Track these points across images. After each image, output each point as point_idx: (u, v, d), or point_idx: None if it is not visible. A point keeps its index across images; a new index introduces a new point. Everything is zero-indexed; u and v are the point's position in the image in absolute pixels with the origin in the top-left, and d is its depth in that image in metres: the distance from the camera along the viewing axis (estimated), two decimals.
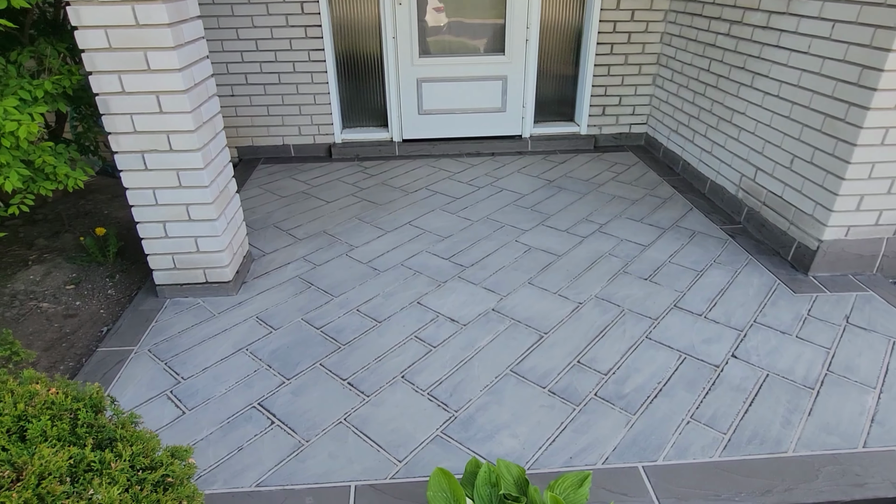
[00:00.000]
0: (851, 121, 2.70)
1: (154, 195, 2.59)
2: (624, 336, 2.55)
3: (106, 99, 2.37)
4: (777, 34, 3.22)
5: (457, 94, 4.68)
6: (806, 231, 3.03)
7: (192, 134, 2.47)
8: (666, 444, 2.00)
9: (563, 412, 2.14)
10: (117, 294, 2.98)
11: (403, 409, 2.16)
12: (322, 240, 3.42)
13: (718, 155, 3.85)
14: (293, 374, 2.34)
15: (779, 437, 2.02)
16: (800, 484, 1.85)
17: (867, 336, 2.53)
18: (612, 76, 4.72)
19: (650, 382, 2.28)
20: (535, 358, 2.42)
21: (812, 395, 2.20)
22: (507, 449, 1.99)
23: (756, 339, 2.52)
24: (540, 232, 3.48)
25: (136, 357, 2.45)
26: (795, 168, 3.10)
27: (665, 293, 2.85)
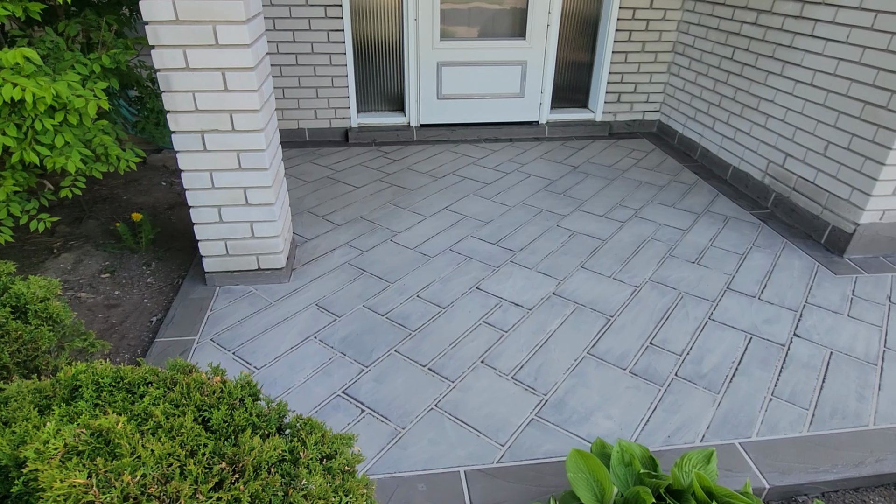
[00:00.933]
0: (894, 108, 2.81)
1: (211, 178, 2.47)
2: (688, 318, 2.60)
3: (168, 75, 2.23)
4: (812, 24, 3.31)
5: (476, 79, 4.64)
6: (841, 215, 3.15)
7: (256, 114, 2.36)
8: (756, 421, 2.05)
9: (650, 393, 2.17)
10: (158, 282, 2.84)
11: (492, 393, 2.15)
12: (362, 225, 3.34)
13: (742, 142, 3.95)
14: (371, 362, 2.29)
15: (857, 412, 2.10)
16: (888, 455, 1.93)
17: None
18: (628, 63, 4.77)
19: (725, 362, 2.33)
20: (609, 340, 2.44)
21: (877, 371, 2.30)
22: (604, 430, 2.00)
23: (812, 318, 2.61)
24: (578, 217, 3.50)
25: (199, 347, 2.35)
26: (830, 154, 3.21)
27: (715, 276, 2.92)
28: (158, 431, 0.99)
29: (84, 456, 0.88)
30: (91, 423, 0.94)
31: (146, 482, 0.87)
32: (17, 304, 1.77)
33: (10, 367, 1.64)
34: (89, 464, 0.86)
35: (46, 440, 0.90)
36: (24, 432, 0.96)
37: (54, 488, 0.80)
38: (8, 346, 1.64)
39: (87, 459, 0.88)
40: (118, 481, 0.85)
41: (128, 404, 1.11)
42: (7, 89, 1.74)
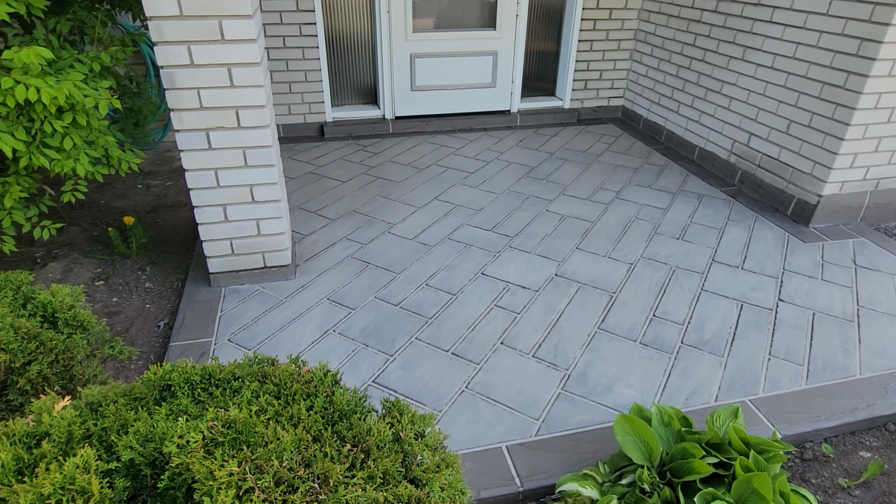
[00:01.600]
0: (851, 87, 3.07)
1: (216, 176, 2.42)
2: (683, 290, 2.77)
3: (172, 72, 2.17)
4: (770, 10, 3.54)
5: (449, 70, 4.69)
6: (805, 188, 3.41)
7: (262, 109, 2.34)
8: (760, 379, 2.23)
9: (662, 361, 2.31)
10: (157, 287, 2.77)
11: (517, 372, 2.24)
12: (357, 219, 3.35)
13: (707, 123, 4.19)
14: (394, 351, 2.33)
15: (845, 364, 2.32)
16: (876, 400, 2.15)
17: (875, 275, 2.93)
18: (594, 51, 4.94)
19: (723, 328, 2.51)
20: (616, 315, 2.57)
21: (855, 327, 2.54)
22: (627, 398, 2.13)
23: (791, 284, 2.84)
24: (564, 201, 3.63)
25: (219, 348, 2.32)
26: (792, 132, 3.47)
27: (700, 250, 3.11)
28: (281, 420, 1.01)
29: (226, 446, 0.90)
30: (222, 415, 0.95)
31: (292, 465, 0.90)
32: (46, 314, 1.71)
33: (51, 379, 1.59)
34: (238, 453, 0.88)
35: (182, 434, 0.91)
36: (148, 430, 0.96)
37: (216, 478, 0.82)
38: (45, 356, 1.59)
39: (230, 449, 0.90)
40: (269, 466, 0.87)
41: (227, 398, 1.13)
42: (20, 90, 1.65)
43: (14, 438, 0.91)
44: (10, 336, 1.52)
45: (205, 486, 0.83)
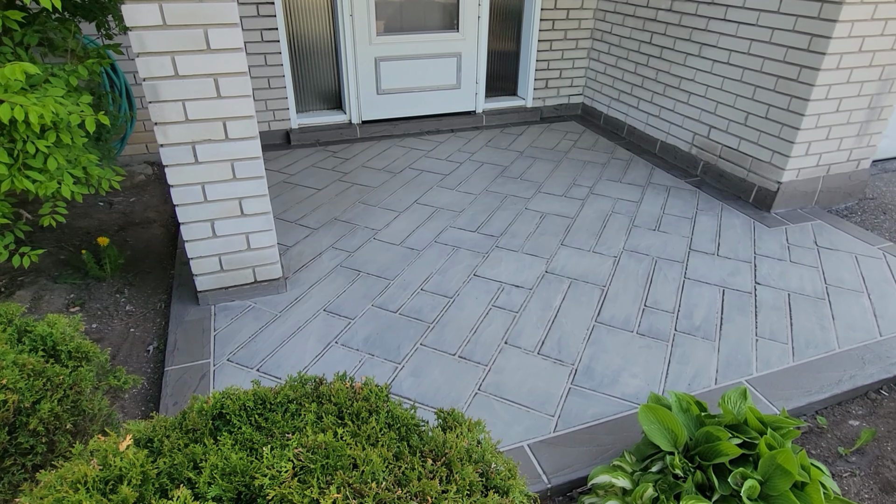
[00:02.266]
0: (804, 80, 3.27)
1: (203, 191, 2.33)
2: (668, 279, 2.88)
3: (154, 84, 2.07)
4: (724, 9, 3.73)
5: (414, 73, 4.68)
6: (765, 176, 3.62)
7: (251, 120, 2.27)
8: (752, 360, 2.35)
9: (660, 349, 2.40)
10: (139, 309, 2.63)
11: (525, 370, 2.27)
12: (339, 227, 3.29)
13: (667, 118, 4.36)
14: (401, 358, 2.31)
15: (825, 340, 2.48)
16: (857, 371, 2.31)
17: (836, 254, 3.14)
18: (553, 51, 5.05)
19: (710, 314, 2.63)
20: (610, 308, 2.65)
21: (827, 304, 2.72)
22: (634, 388, 2.20)
23: (764, 267, 3.00)
24: (542, 199, 3.70)
25: (219, 369, 2.23)
26: (750, 124, 3.67)
27: (676, 240, 3.24)
28: (360, 440, 0.99)
29: (318, 472, 0.88)
30: (307, 440, 0.93)
31: (389, 486, 0.88)
32: (46, 347, 1.60)
33: (63, 417, 1.49)
34: (332, 479, 0.86)
35: (271, 465, 0.88)
36: (224, 463, 0.92)
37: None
38: (54, 393, 1.49)
39: (323, 475, 0.88)
40: (368, 490, 0.86)
41: (287, 422, 1.09)
42: (5, 110, 1.52)
43: (89, 485, 0.85)
44: (16, 374, 1.42)
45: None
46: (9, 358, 1.45)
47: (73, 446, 1.54)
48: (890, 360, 2.37)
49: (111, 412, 1.78)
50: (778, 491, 1.51)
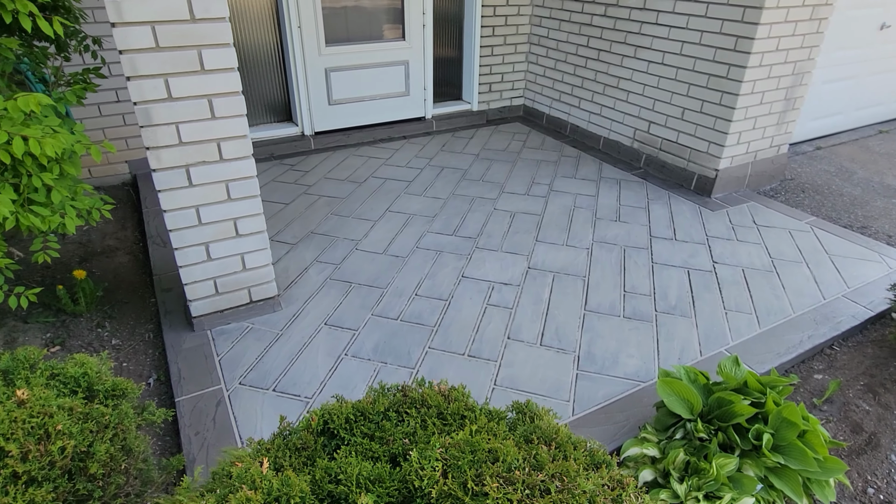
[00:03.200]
0: (733, 77, 3.65)
1: (198, 214, 2.27)
2: (638, 266, 3.12)
3: (147, 108, 2.01)
4: (655, 14, 4.06)
5: (364, 82, 4.70)
6: (703, 165, 3.98)
7: (245, 139, 2.24)
8: (726, 331, 2.62)
9: (647, 330, 2.62)
10: (126, 343, 2.51)
11: (533, 362, 2.40)
12: (318, 240, 3.28)
13: (609, 115, 4.67)
14: (415, 363, 2.37)
15: (781, 308, 2.80)
16: (812, 332, 2.64)
17: (773, 231, 3.53)
18: (494, 56, 5.24)
19: (682, 293, 2.89)
20: (595, 296, 2.84)
21: (776, 276, 3.06)
22: (633, 367, 2.39)
23: (717, 247, 3.32)
24: (507, 199, 3.86)
25: (235, 394, 2.19)
26: (687, 118, 4.02)
27: (637, 229, 3.51)
28: (482, 435, 1.07)
29: (465, 467, 0.95)
30: (445, 441, 0.99)
31: (528, 471, 0.97)
32: (80, 387, 1.53)
33: (117, 457, 1.44)
34: (483, 472, 0.94)
35: (423, 465, 0.95)
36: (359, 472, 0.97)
37: (493, 498, 0.88)
38: (103, 434, 1.44)
39: (471, 470, 0.95)
40: (516, 478, 0.94)
41: (397, 427, 1.15)
42: (18, 144, 1.42)
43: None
44: (65, 418, 1.36)
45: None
46: (54, 402, 1.39)
47: (129, 486, 1.50)
48: (836, 320, 2.72)
49: (145, 448, 1.72)
50: (787, 441, 1.74)
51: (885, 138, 5.26)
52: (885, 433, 2.18)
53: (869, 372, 2.48)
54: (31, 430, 1.28)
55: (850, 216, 3.86)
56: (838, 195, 4.16)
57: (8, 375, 1.51)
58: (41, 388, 1.40)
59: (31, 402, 1.34)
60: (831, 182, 4.36)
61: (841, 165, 4.65)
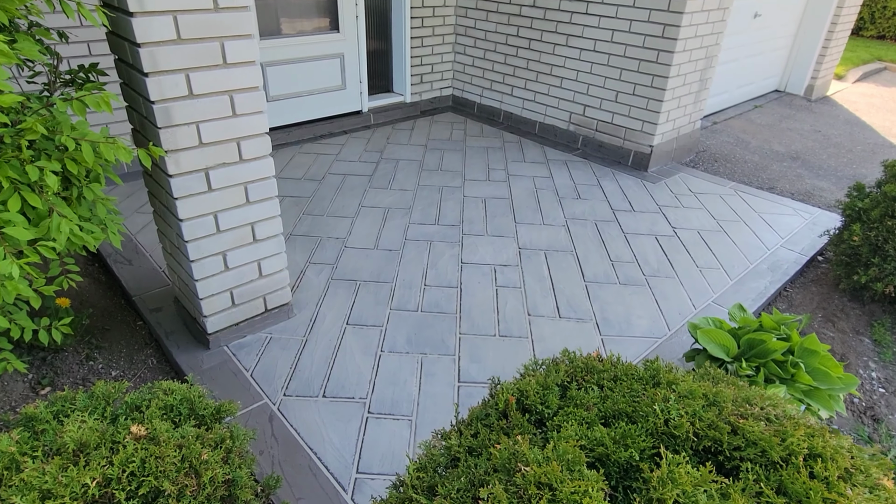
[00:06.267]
0: (662, 62, 4.04)
1: (216, 221, 2.09)
2: (613, 237, 3.38)
3: (167, 107, 1.81)
4: (584, 4, 4.35)
5: (301, 76, 4.51)
6: (638, 142, 4.37)
7: (264, 137, 2.10)
8: (706, 286, 2.95)
9: (645, 293, 2.86)
10: (129, 373, 2.25)
11: (561, 334, 2.53)
12: (302, 242, 3.13)
13: (543, 101, 4.93)
14: (453, 350, 2.39)
15: (740, 261, 3.20)
16: (769, 278, 3.05)
17: (708, 196, 3.99)
18: (424, 47, 5.27)
19: (659, 257, 3.18)
20: (589, 268, 3.04)
21: (725, 235, 3.47)
22: (646, 326, 2.62)
23: (671, 215, 3.69)
24: (472, 186, 3.95)
25: (284, 406, 2.06)
26: (620, 100, 4.37)
27: (599, 204, 3.78)
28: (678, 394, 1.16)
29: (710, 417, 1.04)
30: (675, 391, 1.07)
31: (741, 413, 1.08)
32: (180, 416, 1.39)
33: (249, 484, 1.33)
34: (720, 412, 1.03)
35: (637, 433, 1.02)
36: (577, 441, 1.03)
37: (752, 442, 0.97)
38: (234, 457, 1.32)
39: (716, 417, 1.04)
40: (749, 412, 1.05)
41: (578, 402, 1.20)
42: (88, 153, 1.19)
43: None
44: (199, 447, 1.24)
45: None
46: (177, 434, 1.25)
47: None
48: (782, 269, 3.17)
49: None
50: (812, 366, 2.03)
51: (761, 112, 6.10)
52: (851, 353, 2.62)
53: (821, 306, 2.94)
54: (177, 465, 1.15)
55: (758, 179, 4.46)
56: (743, 162, 4.78)
57: (94, 414, 1.33)
58: (159, 422, 1.25)
59: (164, 437, 1.20)
60: (734, 151, 4.99)
61: (737, 137, 5.34)
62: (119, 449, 1.16)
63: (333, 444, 1.93)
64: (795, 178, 4.51)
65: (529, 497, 0.86)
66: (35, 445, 1.19)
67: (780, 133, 5.48)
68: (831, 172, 4.66)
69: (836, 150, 5.14)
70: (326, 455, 1.89)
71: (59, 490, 1.06)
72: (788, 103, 6.44)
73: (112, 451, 1.17)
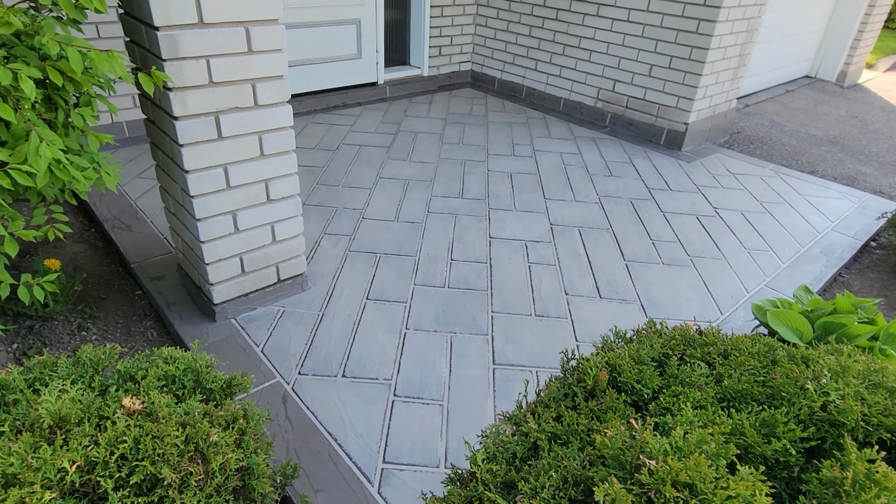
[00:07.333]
0: (703, 32, 3.76)
1: (226, 175, 1.84)
2: (651, 215, 3.13)
3: (174, 35, 1.56)
4: None
5: (315, 42, 4.25)
6: (673, 119, 4.10)
7: (282, 81, 1.85)
8: (756, 268, 2.70)
9: (690, 274, 2.62)
10: (125, 345, 2.01)
11: (603, 314, 2.29)
12: (317, 212, 2.89)
13: (569, 76, 4.66)
14: (485, 330, 2.16)
15: (790, 243, 2.94)
16: (823, 262, 2.80)
17: (748, 178, 3.73)
18: (444, 17, 5.00)
19: (702, 238, 2.93)
20: (628, 246, 2.79)
21: (770, 217, 3.22)
22: (695, 308, 2.37)
23: (711, 195, 3.43)
24: (497, 160, 3.69)
25: (299, 386, 1.83)
26: (655, 74, 4.10)
27: (632, 182, 3.53)
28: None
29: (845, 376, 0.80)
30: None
31: None
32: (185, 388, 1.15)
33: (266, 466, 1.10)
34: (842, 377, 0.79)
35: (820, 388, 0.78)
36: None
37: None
38: (249, 438, 1.09)
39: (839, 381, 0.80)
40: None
41: (703, 370, 0.97)
42: (76, 59, 0.95)
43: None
44: (207, 427, 1.00)
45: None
46: (180, 410, 1.01)
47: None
48: (836, 253, 2.91)
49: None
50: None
51: (793, 96, 5.82)
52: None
53: (882, 293, 2.69)
54: (180, 448, 0.92)
55: (798, 162, 4.19)
56: (780, 145, 4.51)
57: (78, 383, 1.09)
58: (158, 395, 1.01)
59: (164, 413, 0.96)
60: (770, 134, 4.72)
61: (771, 120, 5.06)
62: (107, 426, 0.92)
63: (356, 429, 1.70)
64: (836, 162, 4.25)
65: (666, 501, 0.62)
66: (2, 419, 0.96)
67: (815, 118, 5.21)
68: (873, 158, 4.39)
69: (876, 136, 4.86)
70: (348, 441, 1.66)
71: (27, 475, 0.82)
72: (821, 89, 6.16)
73: (98, 429, 0.93)
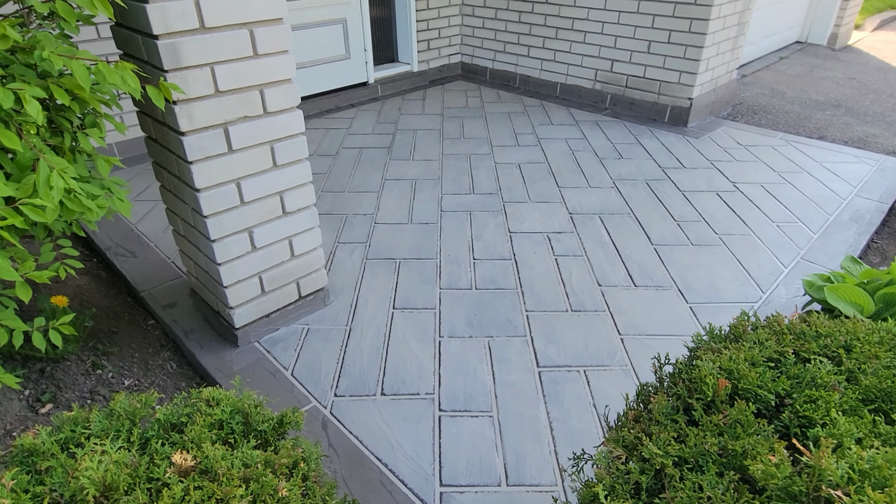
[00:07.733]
0: (702, 2, 3.66)
1: (239, 190, 1.71)
2: (669, 195, 3.03)
3: (175, 43, 1.43)
4: None
5: (304, 44, 4.10)
6: (676, 95, 4.00)
7: (291, 84, 1.72)
8: (788, 242, 2.60)
9: (724, 254, 2.52)
10: (144, 381, 1.88)
11: (642, 306, 2.19)
12: (326, 221, 2.76)
13: (564, 60, 4.54)
14: (523, 331, 2.04)
15: (817, 213, 2.85)
16: (855, 229, 2.71)
17: (760, 149, 3.64)
18: (430, 9, 4.86)
19: (726, 215, 2.83)
20: (653, 230, 2.69)
21: (791, 187, 3.13)
22: (733, 291, 2.28)
23: (727, 170, 3.34)
24: (502, 152, 3.58)
25: (337, 408, 1.71)
26: (654, 50, 4.00)
27: (645, 163, 3.42)
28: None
29: None
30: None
31: None
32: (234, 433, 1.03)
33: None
34: None
35: None
36: None
37: None
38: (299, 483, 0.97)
39: None
40: None
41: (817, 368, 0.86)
42: (83, 75, 0.82)
43: None
44: (273, 479, 0.88)
45: None
46: (237, 463, 0.89)
47: None
48: (865, 219, 2.83)
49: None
50: None
51: (788, 63, 5.75)
52: None
53: None
54: None
55: (805, 129, 4.11)
56: (784, 112, 4.43)
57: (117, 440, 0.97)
58: (210, 447, 0.89)
59: (223, 468, 0.84)
60: (772, 102, 4.63)
61: (770, 88, 4.98)
62: (162, 492, 0.80)
63: (405, 451, 1.58)
64: (843, 125, 4.17)
65: None
66: (38, 493, 0.83)
67: (814, 82, 5.14)
68: (879, 118, 4.32)
69: (878, 97, 4.80)
70: (399, 466, 1.54)
71: None
72: (813, 53, 6.09)
73: (151, 496, 0.81)
